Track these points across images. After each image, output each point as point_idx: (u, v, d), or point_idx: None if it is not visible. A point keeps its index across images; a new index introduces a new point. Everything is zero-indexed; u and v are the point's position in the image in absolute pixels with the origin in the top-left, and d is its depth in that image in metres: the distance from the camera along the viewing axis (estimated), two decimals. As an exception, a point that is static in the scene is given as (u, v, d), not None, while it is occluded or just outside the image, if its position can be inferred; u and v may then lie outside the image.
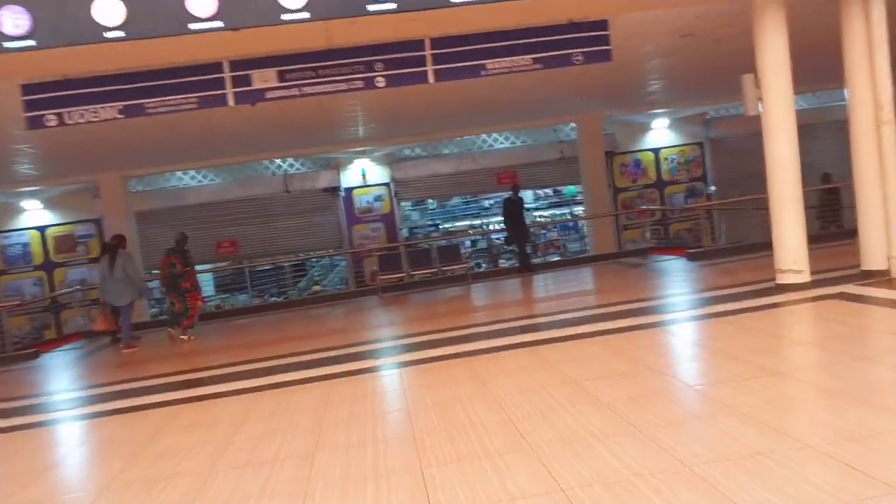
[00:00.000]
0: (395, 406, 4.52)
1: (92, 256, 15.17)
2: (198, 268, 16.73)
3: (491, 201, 24.95)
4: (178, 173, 15.33)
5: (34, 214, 15.13)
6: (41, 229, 15.27)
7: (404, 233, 16.26)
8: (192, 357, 8.24)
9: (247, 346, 8.46)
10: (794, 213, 6.68)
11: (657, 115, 15.82)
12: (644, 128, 16.38)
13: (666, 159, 16.61)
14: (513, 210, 12.39)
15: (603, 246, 14.54)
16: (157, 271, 11.45)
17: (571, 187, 19.96)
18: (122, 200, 13.98)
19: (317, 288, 16.70)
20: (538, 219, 16.96)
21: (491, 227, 18.86)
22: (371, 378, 5.42)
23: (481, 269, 15.47)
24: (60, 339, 11.99)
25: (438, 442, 3.62)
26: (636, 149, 16.50)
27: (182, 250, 9.82)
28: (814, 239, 7.27)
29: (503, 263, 18.77)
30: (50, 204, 15.09)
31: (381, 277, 11.99)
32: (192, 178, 15.44)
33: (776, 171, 6.69)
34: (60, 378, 8.35)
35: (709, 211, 16.07)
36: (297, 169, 15.64)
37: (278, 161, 15.49)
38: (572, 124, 15.92)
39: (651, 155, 16.58)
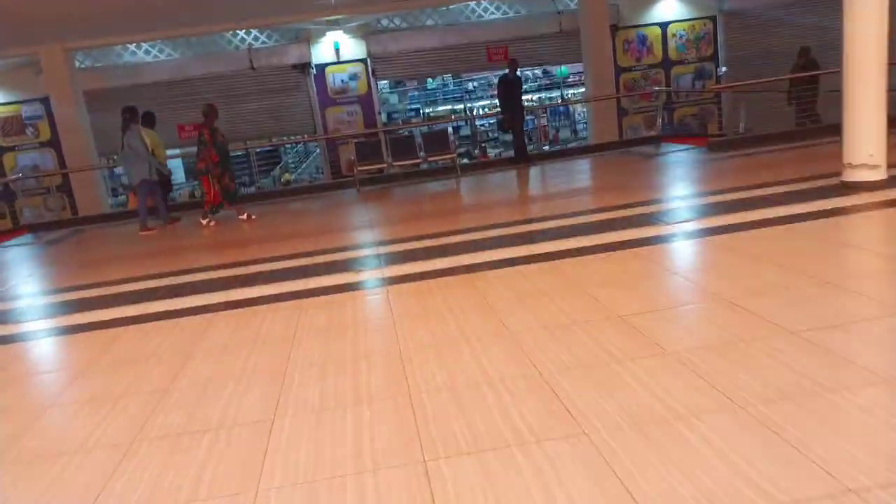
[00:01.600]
0: (381, 347, 3.59)
1: (42, 140, 13.81)
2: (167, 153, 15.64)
3: (476, 83, 23.28)
4: (131, 47, 13.62)
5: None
6: (-16, 109, 13.70)
7: (382, 118, 14.87)
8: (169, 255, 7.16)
9: (209, 248, 7.46)
10: (875, 90, 5.35)
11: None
12: (652, -1, 14.77)
13: (674, 35, 15.12)
14: (509, 91, 11.04)
15: (605, 134, 13.35)
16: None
17: (563, 68, 18.45)
18: (68, 77, 12.36)
19: (288, 177, 15.51)
20: (528, 103, 15.62)
21: (475, 113, 17.60)
22: (349, 300, 4.47)
23: (471, 161, 14.28)
24: (5, 234, 10.86)
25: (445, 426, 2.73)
26: (641, 23, 14.96)
27: (209, 124, 8.66)
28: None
29: (490, 153, 17.65)
30: (-8, 81, 13.46)
31: (360, 168, 10.80)
32: (147, 52, 13.76)
33: (857, 33, 5.33)
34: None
35: (717, 95, 14.87)
36: (263, 43, 13.96)
37: (242, 34, 13.78)
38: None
39: (658, 30, 15.06)
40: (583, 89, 15.75)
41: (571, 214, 6.35)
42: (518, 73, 11.30)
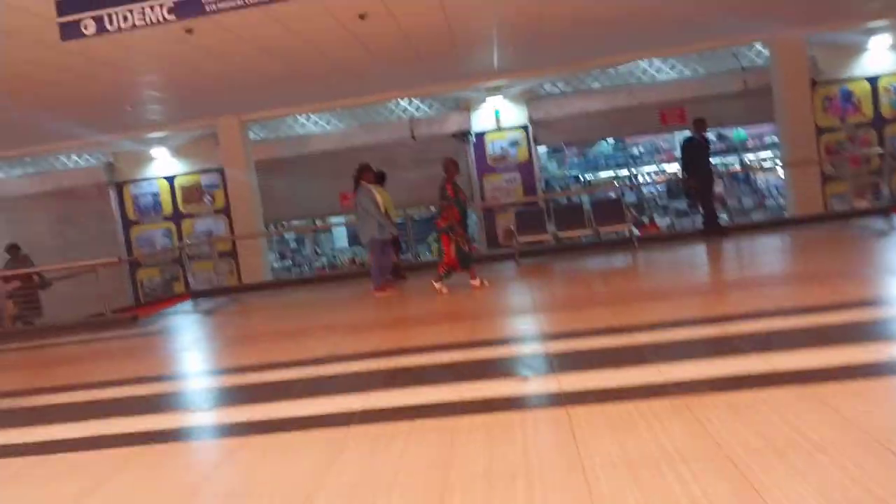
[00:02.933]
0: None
1: (217, 208, 14.48)
2: (331, 221, 15.95)
3: (641, 147, 21.93)
4: (300, 118, 14.04)
5: (163, 163, 14.54)
6: (170, 179, 14.68)
7: (540, 185, 14.02)
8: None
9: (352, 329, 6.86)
10: None
11: (876, 31, 12.25)
12: (856, 49, 12.85)
13: (887, 90, 13.00)
14: (696, 154, 9.76)
15: (807, 204, 11.48)
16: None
17: (741, 131, 16.74)
18: (241, 148, 12.85)
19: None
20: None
21: (640, 179, 16.24)
22: (515, 425, 3.45)
23: (638, 230, 12.91)
24: (166, 300, 11.18)
25: None
26: (844, 77, 13.04)
27: (450, 178, 8.01)
28: None
29: (659, 222, 16.13)
30: (177, 152, 14.41)
31: (520, 240, 9.92)
32: (315, 123, 14.11)
33: None
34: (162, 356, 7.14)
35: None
36: (424, 112, 13.80)
37: (404, 104, 13.74)
38: (759, 47, 12.80)
39: (867, 84, 13.04)
40: (764, 154, 13.97)
41: (812, 310, 4.94)
42: (706, 134, 9.99)
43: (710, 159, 10.01)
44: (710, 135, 14.69)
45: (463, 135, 13.45)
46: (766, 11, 9.68)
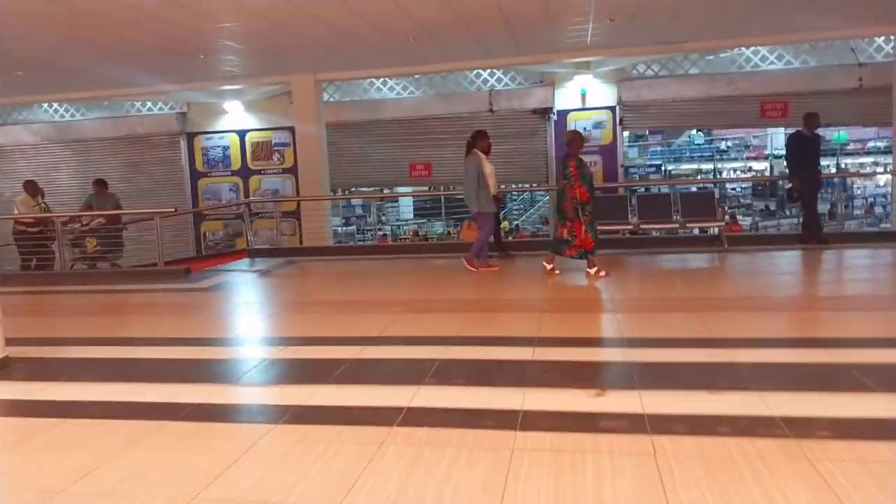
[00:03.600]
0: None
1: (285, 166, 14.28)
2: (398, 190, 15.53)
3: (730, 142, 20.54)
4: (377, 83, 13.61)
5: (235, 117, 14.42)
6: (241, 133, 14.56)
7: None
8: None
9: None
10: None
11: None
12: None
13: None
14: (806, 150, 8.81)
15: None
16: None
17: (842, 133, 15.37)
18: (314, 108, 12.52)
19: (505, 225, 14.40)
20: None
21: (724, 175, 15.15)
22: (587, 451, 2.89)
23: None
24: (223, 256, 11.00)
25: None
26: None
27: (563, 158, 7.35)
28: None
29: (743, 222, 15.05)
30: (251, 107, 14.26)
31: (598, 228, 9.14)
32: (391, 89, 13.65)
33: None
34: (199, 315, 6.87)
35: None
36: (506, 85, 13.13)
37: (485, 74, 13.10)
38: (880, 42, 11.54)
39: None
40: (864, 160, 12.68)
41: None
42: (818, 131, 8.98)
43: (820, 159, 8.99)
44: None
45: (544, 111, 12.73)
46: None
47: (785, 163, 9.26)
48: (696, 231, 10.32)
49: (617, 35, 10.26)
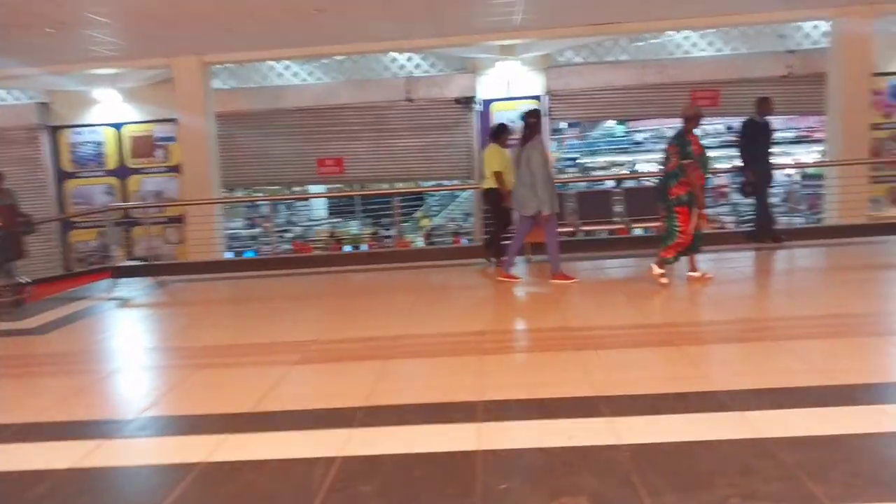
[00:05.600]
0: None
1: (171, 164, 12.39)
2: (311, 190, 13.79)
3: (646, 134, 20.27)
4: (278, 67, 11.99)
5: (110, 108, 12.36)
6: (117, 127, 12.52)
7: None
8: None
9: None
10: None
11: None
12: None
13: (941, 86, 11.60)
14: (758, 140, 8.15)
15: (852, 210, 9.94)
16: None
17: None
18: (202, 94, 10.79)
19: (425, 222, 13.22)
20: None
21: (639, 170, 14.59)
22: None
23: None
24: (82, 276, 9.11)
25: None
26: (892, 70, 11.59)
27: (680, 134, 6.30)
28: None
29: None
30: (128, 96, 12.24)
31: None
32: (295, 74, 12.08)
33: None
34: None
35: None
36: (426, 71, 11.89)
37: (401, 59, 11.80)
38: (813, 26, 11.22)
39: (916, 79, 11.61)
40: (799, 151, 12.46)
41: None
42: (768, 118, 8.33)
43: (772, 149, 8.36)
44: (719, 125, 12.98)
45: (467, 101, 11.60)
46: None
47: (738, 153, 8.59)
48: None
49: (546, 15, 9.28)
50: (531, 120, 6.62)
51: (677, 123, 13.37)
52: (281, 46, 10.44)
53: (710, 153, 12.67)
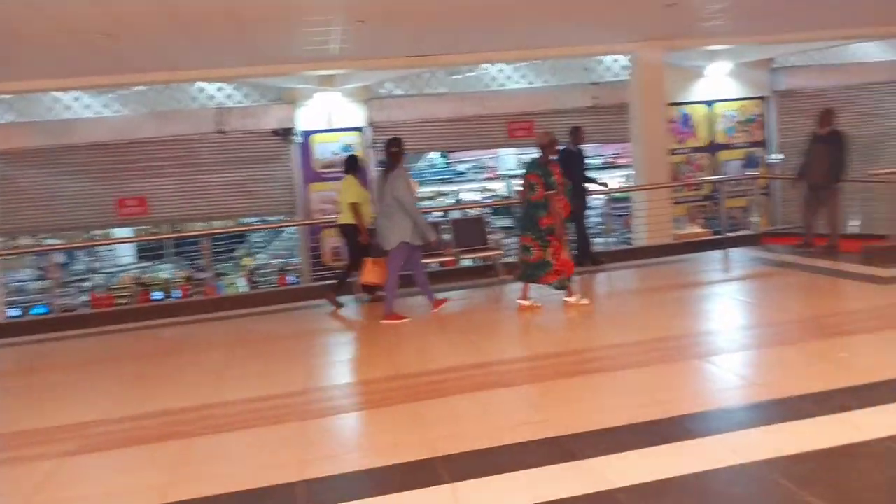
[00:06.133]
0: None
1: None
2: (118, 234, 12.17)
3: (467, 164, 20.76)
4: (65, 99, 10.60)
5: None
6: None
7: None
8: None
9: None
10: None
11: (716, 56, 12.08)
12: (696, 73, 12.67)
13: (722, 116, 12.97)
14: (574, 167, 8.41)
15: (659, 231, 10.68)
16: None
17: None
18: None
19: (248, 262, 12.34)
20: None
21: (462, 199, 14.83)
22: None
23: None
24: None
25: None
26: (685, 100, 12.80)
27: (541, 164, 6.29)
28: None
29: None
30: None
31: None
32: (87, 106, 10.74)
33: None
34: None
35: (767, 185, 12.79)
36: (239, 102, 11.13)
37: (210, 89, 10.95)
38: (613, 60, 12.06)
39: (703, 109, 12.91)
40: (608, 176, 13.18)
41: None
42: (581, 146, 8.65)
43: (586, 175, 8.70)
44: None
45: (286, 132, 10.99)
46: (629, 22, 8.66)
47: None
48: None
49: (364, 46, 9.02)
50: (393, 149, 6.47)
51: (495, 154, 13.75)
52: (66, 76, 9.18)
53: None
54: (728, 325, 5.50)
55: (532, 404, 3.89)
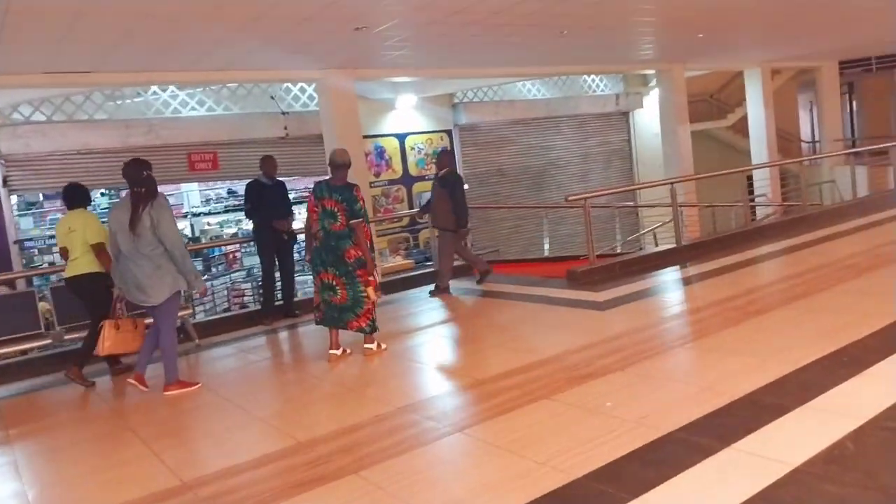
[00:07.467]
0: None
1: None
2: None
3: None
4: None
5: None
6: None
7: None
8: None
9: None
10: None
11: (403, 89, 12.21)
12: (388, 106, 12.68)
13: (412, 148, 13.16)
14: (268, 201, 7.34)
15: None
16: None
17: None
18: None
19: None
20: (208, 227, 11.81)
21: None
22: None
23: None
24: None
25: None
26: (378, 133, 12.70)
27: (343, 188, 5.35)
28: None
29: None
30: None
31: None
32: None
33: None
34: None
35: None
36: None
37: None
38: (300, 88, 11.39)
39: (395, 142, 12.95)
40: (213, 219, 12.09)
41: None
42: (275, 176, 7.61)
43: (289, 210, 7.69)
44: (222, 190, 11.49)
45: None
46: (315, 48, 7.97)
47: (246, 216, 7.71)
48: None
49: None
50: (145, 173, 4.89)
51: (177, 189, 11.94)
52: None
53: (215, 218, 12.10)
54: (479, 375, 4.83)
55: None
